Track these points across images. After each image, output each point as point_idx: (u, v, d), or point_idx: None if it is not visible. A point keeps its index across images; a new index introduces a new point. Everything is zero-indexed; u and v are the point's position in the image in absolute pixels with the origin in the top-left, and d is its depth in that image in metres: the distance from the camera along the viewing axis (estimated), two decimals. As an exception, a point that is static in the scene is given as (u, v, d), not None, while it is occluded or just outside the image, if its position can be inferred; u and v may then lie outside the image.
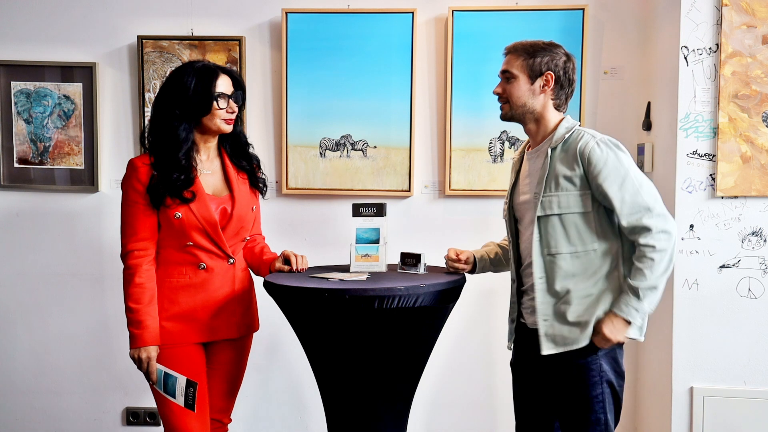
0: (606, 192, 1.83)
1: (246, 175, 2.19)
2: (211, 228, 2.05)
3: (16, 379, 3.07)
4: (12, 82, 2.93)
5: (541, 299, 1.90)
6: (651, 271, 1.80)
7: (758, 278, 2.47)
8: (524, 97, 1.94)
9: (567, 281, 1.88)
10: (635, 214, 1.82)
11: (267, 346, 2.94)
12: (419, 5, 2.84)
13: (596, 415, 1.87)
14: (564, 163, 1.88)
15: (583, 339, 1.85)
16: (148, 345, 1.99)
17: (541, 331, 1.90)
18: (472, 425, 2.98)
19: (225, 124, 2.07)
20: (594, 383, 1.87)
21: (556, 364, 1.90)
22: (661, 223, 1.82)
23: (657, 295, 1.83)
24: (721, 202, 2.47)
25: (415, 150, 2.87)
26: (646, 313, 1.83)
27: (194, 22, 2.90)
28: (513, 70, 1.94)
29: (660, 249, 1.80)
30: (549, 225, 1.89)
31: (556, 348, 1.88)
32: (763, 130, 2.43)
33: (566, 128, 1.93)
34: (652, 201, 1.83)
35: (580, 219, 1.88)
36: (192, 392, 1.98)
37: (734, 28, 2.42)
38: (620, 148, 1.88)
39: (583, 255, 1.88)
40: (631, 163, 1.86)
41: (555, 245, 1.89)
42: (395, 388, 2.11)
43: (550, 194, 1.89)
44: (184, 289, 2.06)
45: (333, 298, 1.90)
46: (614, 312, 1.84)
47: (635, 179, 1.84)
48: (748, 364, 2.48)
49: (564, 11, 2.76)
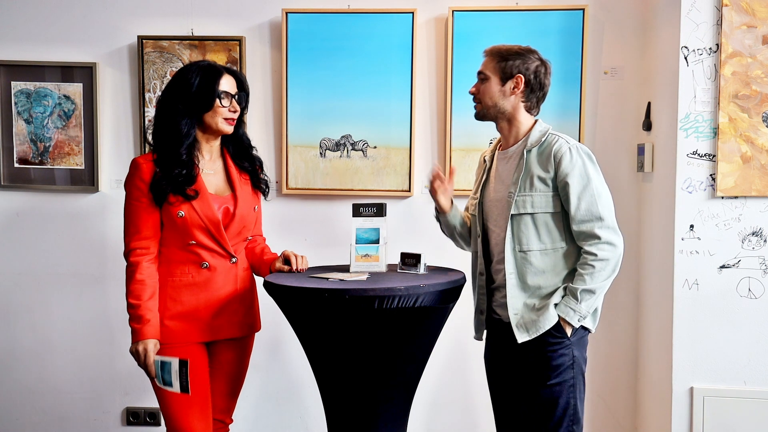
0: (567, 195, 1.95)
1: (248, 176, 2.20)
2: (213, 227, 2.05)
3: (16, 378, 3.07)
4: (12, 82, 2.93)
5: (512, 293, 2.00)
6: (591, 277, 1.92)
7: (758, 278, 2.47)
8: (495, 97, 2.04)
9: (537, 277, 1.99)
10: (587, 222, 1.94)
11: (267, 346, 2.94)
12: (419, 5, 2.84)
13: (565, 398, 1.96)
14: (539, 165, 1.99)
15: (550, 319, 1.95)
16: (147, 339, 2.00)
17: (513, 323, 1.99)
18: (472, 425, 2.98)
19: (226, 124, 2.08)
20: (566, 368, 1.96)
21: (531, 352, 1.97)
22: (609, 234, 1.93)
23: (594, 298, 1.95)
24: (721, 202, 2.47)
25: (415, 150, 2.88)
26: (583, 314, 1.94)
27: (194, 22, 2.91)
28: (486, 72, 2.05)
29: (602, 258, 1.92)
30: (522, 223, 1.99)
31: (528, 334, 1.98)
32: (763, 130, 2.43)
33: (540, 132, 2.04)
34: (606, 213, 1.95)
35: (550, 218, 1.99)
36: (185, 372, 1.96)
37: (734, 28, 2.42)
38: (591, 158, 1.99)
39: (552, 252, 1.99)
40: (596, 175, 1.97)
41: (527, 242, 1.99)
42: (395, 388, 2.12)
43: (524, 194, 1.99)
44: (187, 288, 2.07)
45: (333, 298, 1.91)
46: (556, 310, 1.96)
47: (595, 190, 1.95)
48: (748, 364, 2.49)
49: (564, 11, 2.76)
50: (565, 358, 1.95)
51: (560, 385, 1.95)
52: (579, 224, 1.94)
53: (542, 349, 1.96)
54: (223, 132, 2.10)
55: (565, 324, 1.94)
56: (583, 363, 2.00)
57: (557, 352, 1.95)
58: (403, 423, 2.19)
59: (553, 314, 1.94)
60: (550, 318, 1.94)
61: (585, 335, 2.01)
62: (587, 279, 1.92)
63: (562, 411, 1.96)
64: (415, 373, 2.16)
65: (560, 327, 1.95)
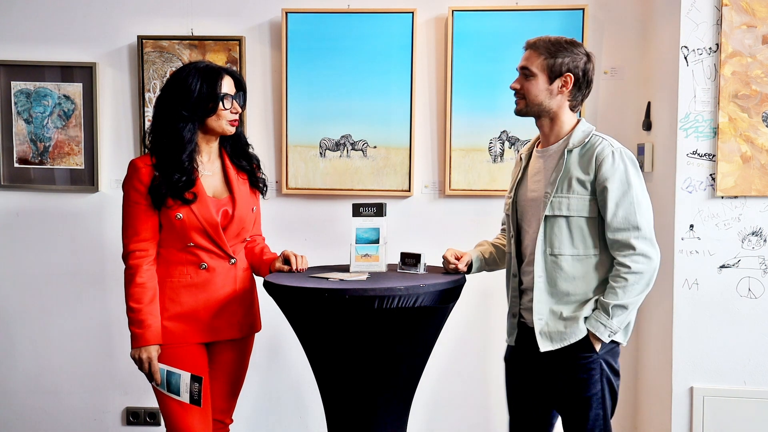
0: (605, 201, 1.86)
1: (246, 176, 2.19)
2: (212, 229, 2.05)
3: (16, 378, 3.07)
4: (12, 81, 2.93)
5: (538, 298, 1.93)
6: (624, 291, 1.83)
7: (758, 278, 2.47)
8: (541, 96, 1.93)
9: (567, 283, 1.91)
10: (623, 231, 1.85)
11: (267, 346, 2.94)
12: (419, 5, 2.84)
13: (595, 411, 1.91)
14: (580, 167, 1.90)
15: (577, 333, 1.88)
16: (150, 344, 1.99)
17: (536, 329, 1.92)
18: (472, 425, 2.98)
19: (229, 126, 2.08)
20: (594, 381, 1.89)
21: (558, 362, 1.92)
22: (645, 246, 1.85)
23: (627, 314, 1.87)
24: (721, 202, 2.47)
25: (415, 150, 2.88)
26: (614, 330, 1.86)
27: (194, 22, 2.91)
28: (533, 68, 1.92)
29: (636, 271, 1.83)
30: (555, 225, 1.91)
31: (552, 345, 1.90)
32: (763, 130, 2.43)
33: (584, 132, 1.94)
34: (645, 223, 1.86)
35: (585, 223, 1.90)
36: (198, 387, 1.98)
37: (734, 28, 2.42)
38: (635, 164, 1.89)
39: (585, 259, 1.91)
40: (638, 182, 1.88)
41: (558, 246, 1.91)
42: (395, 388, 2.11)
43: (561, 195, 1.90)
44: (186, 289, 2.06)
45: (333, 298, 1.91)
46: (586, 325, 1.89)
47: (635, 197, 1.86)
48: (748, 364, 2.49)
49: (564, 11, 2.76)
50: (594, 371, 1.88)
51: (590, 398, 1.89)
52: (614, 232, 1.85)
53: (571, 361, 1.90)
54: (226, 133, 2.09)
55: (594, 339, 1.86)
56: (613, 375, 1.92)
57: (586, 365, 1.88)
58: (403, 422, 2.19)
59: (582, 328, 1.87)
60: (578, 332, 1.87)
61: (615, 347, 1.93)
62: (620, 293, 1.83)
63: (593, 423, 1.91)
64: (415, 373, 2.16)
65: (589, 341, 1.87)
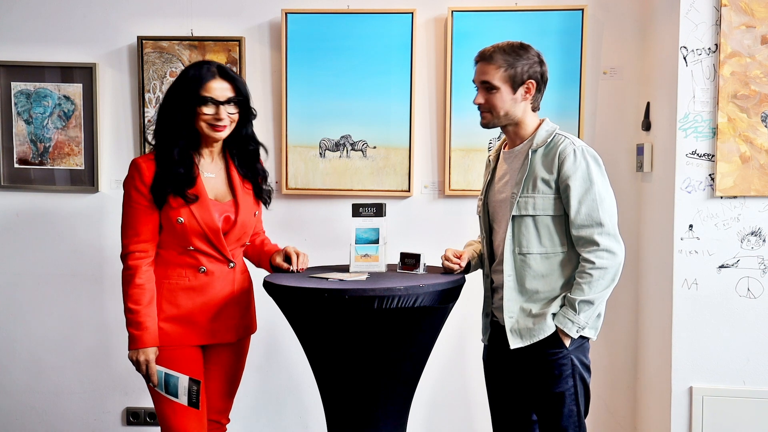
0: (568, 198, 1.90)
1: (251, 186, 2.17)
2: (213, 234, 2.03)
3: (16, 379, 3.08)
4: (12, 82, 2.93)
5: (508, 296, 1.97)
6: (589, 286, 1.87)
7: (757, 278, 2.48)
8: (506, 106, 1.95)
9: (536, 281, 1.95)
10: (586, 227, 1.89)
11: (267, 346, 2.95)
12: (419, 6, 2.84)
13: (569, 407, 1.94)
14: (543, 166, 1.94)
15: (546, 329, 1.91)
16: (147, 347, 1.98)
17: (507, 327, 1.96)
18: (472, 424, 2.98)
19: (213, 131, 2.03)
20: (566, 377, 1.93)
21: (529, 359, 1.95)
22: (609, 242, 1.88)
23: (593, 309, 1.90)
24: (720, 202, 2.48)
25: (415, 150, 2.88)
26: (582, 325, 1.89)
27: (194, 23, 2.91)
28: (494, 82, 1.93)
29: (600, 266, 1.87)
30: (522, 225, 1.95)
31: (522, 341, 1.94)
32: (762, 130, 2.44)
33: (547, 131, 1.98)
34: (608, 219, 1.89)
35: (551, 222, 1.94)
36: (196, 390, 1.98)
37: (733, 28, 2.43)
38: (597, 161, 1.93)
39: (553, 256, 1.95)
40: (601, 179, 1.91)
41: (527, 245, 1.95)
42: (395, 388, 2.12)
43: (527, 195, 1.94)
44: (184, 292, 2.05)
45: (332, 298, 1.91)
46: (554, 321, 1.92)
47: (598, 194, 1.89)
48: (747, 364, 2.49)
49: (563, 11, 2.76)
50: (565, 367, 1.92)
51: (562, 394, 1.93)
52: (578, 229, 1.89)
53: (542, 358, 1.93)
54: (213, 138, 2.05)
55: (563, 335, 1.90)
56: (584, 370, 1.95)
57: (557, 361, 1.92)
58: (402, 422, 2.20)
59: (550, 324, 1.90)
60: (546, 328, 1.91)
61: (585, 342, 1.96)
62: (585, 288, 1.86)
63: (567, 419, 1.94)
64: (415, 373, 2.17)
65: (557, 337, 1.90)
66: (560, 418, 1.94)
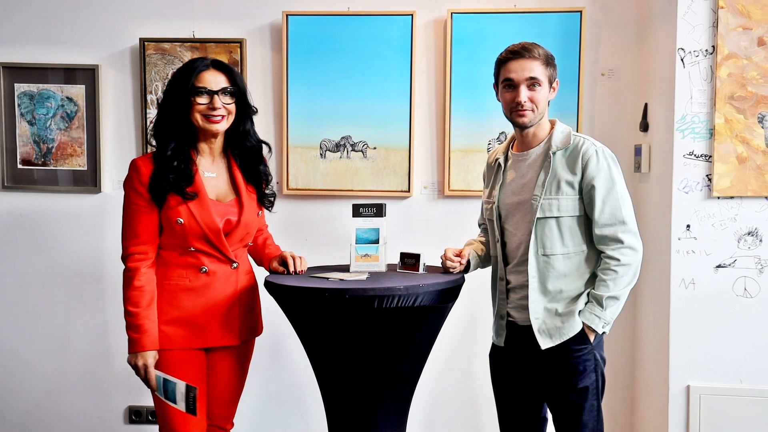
0: (592, 198, 1.92)
1: (254, 189, 2.15)
2: (213, 235, 2.00)
3: (19, 377, 3.09)
4: (15, 84, 2.95)
5: (533, 297, 1.97)
6: (614, 282, 1.91)
7: (754, 278, 2.49)
8: (545, 103, 1.99)
9: (559, 281, 1.96)
10: (610, 226, 1.93)
11: (269, 346, 2.96)
12: (418, 7, 2.86)
13: (590, 401, 1.97)
14: (566, 168, 1.95)
15: (575, 327, 1.94)
16: (146, 350, 1.95)
17: (534, 328, 1.97)
18: (471, 423, 2.99)
19: (208, 123, 2.00)
20: (590, 372, 1.96)
21: (554, 357, 1.96)
22: (631, 239, 1.93)
23: (618, 305, 1.94)
24: (717, 202, 2.49)
25: (415, 151, 2.90)
26: (607, 321, 1.93)
27: (196, 25, 2.93)
28: (540, 77, 1.95)
29: (624, 263, 1.91)
30: (546, 227, 1.96)
31: (552, 341, 1.95)
32: (758, 131, 2.45)
33: (562, 133, 2.00)
34: (629, 217, 1.94)
35: (574, 222, 1.96)
36: (192, 397, 1.93)
37: (730, 30, 2.44)
38: (615, 162, 1.98)
39: (574, 256, 1.97)
40: (620, 179, 1.96)
41: (550, 246, 1.96)
42: (395, 387, 2.13)
43: (551, 197, 1.95)
44: (185, 293, 2.02)
45: (333, 298, 1.92)
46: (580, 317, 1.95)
47: (619, 194, 1.94)
48: (744, 363, 2.51)
49: (562, 14, 2.78)
50: (589, 363, 1.95)
51: (587, 389, 1.95)
52: (602, 228, 1.92)
53: (566, 354, 1.94)
54: (210, 131, 2.02)
55: (589, 331, 1.93)
56: (603, 364, 1.99)
57: (582, 357, 1.94)
58: (402, 421, 2.21)
59: (578, 322, 1.93)
60: (575, 325, 1.93)
61: (601, 338, 1.99)
62: (611, 285, 1.90)
63: (588, 414, 1.96)
64: (415, 372, 2.18)
65: (584, 334, 1.93)
66: (582, 413, 1.96)
